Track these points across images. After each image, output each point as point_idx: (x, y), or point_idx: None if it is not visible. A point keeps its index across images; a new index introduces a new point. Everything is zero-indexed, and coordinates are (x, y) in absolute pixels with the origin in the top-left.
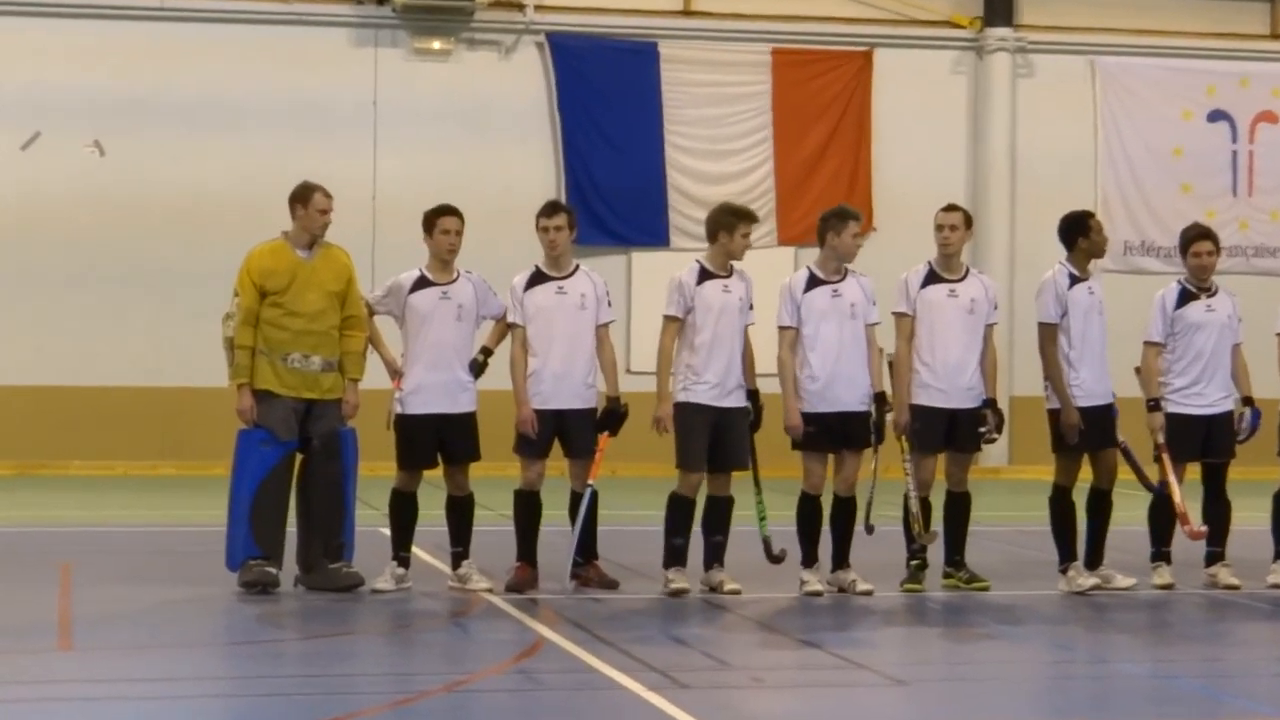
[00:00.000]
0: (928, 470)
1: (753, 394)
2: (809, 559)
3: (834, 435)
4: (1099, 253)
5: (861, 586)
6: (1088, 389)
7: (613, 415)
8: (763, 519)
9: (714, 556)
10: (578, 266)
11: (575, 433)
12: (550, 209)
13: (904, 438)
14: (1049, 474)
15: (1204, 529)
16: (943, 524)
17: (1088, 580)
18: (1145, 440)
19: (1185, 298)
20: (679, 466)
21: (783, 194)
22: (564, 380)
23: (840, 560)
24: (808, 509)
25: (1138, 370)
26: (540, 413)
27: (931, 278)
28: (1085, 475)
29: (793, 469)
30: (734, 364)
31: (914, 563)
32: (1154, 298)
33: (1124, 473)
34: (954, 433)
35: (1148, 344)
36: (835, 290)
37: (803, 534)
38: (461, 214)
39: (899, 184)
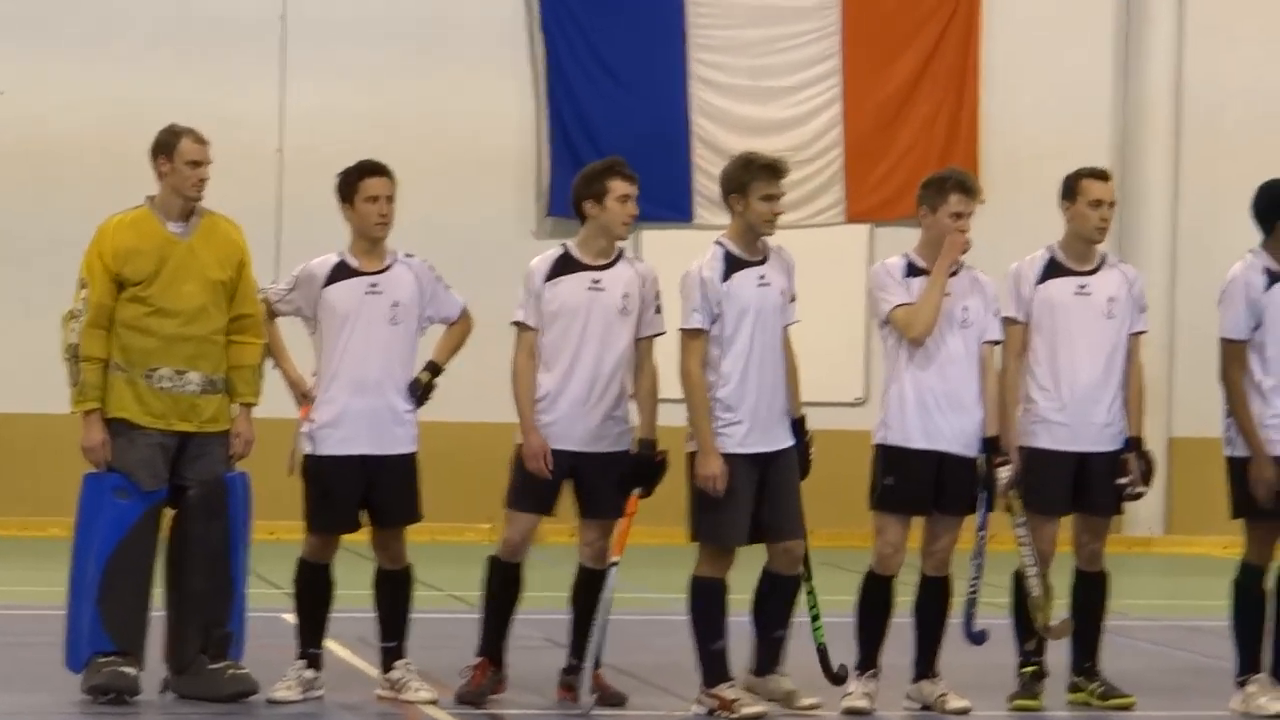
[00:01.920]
0: (1048, 539)
1: (798, 424)
2: (867, 662)
3: (927, 489)
4: None
5: (955, 704)
6: None
7: (646, 466)
8: (816, 619)
9: (774, 658)
10: (620, 253)
11: (592, 484)
12: (623, 169)
13: (1014, 494)
14: (1221, 548)
15: None
16: (1069, 615)
17: (1274, 699)
18: None
19: None
20: (702, 540)
21: (855, 150)
22: (588, 410)
23: (925, 667)
24: (876, 593)
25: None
26: (549, 449)
27: (1053, 269)
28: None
29: (851, 538)
30: (777, 387)
31: (1028, 669)
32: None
33: None
34: (1084, 487)
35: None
36: (947, 291)
37: (863, 628)
38: (392, 174)
39: (1018, 137)
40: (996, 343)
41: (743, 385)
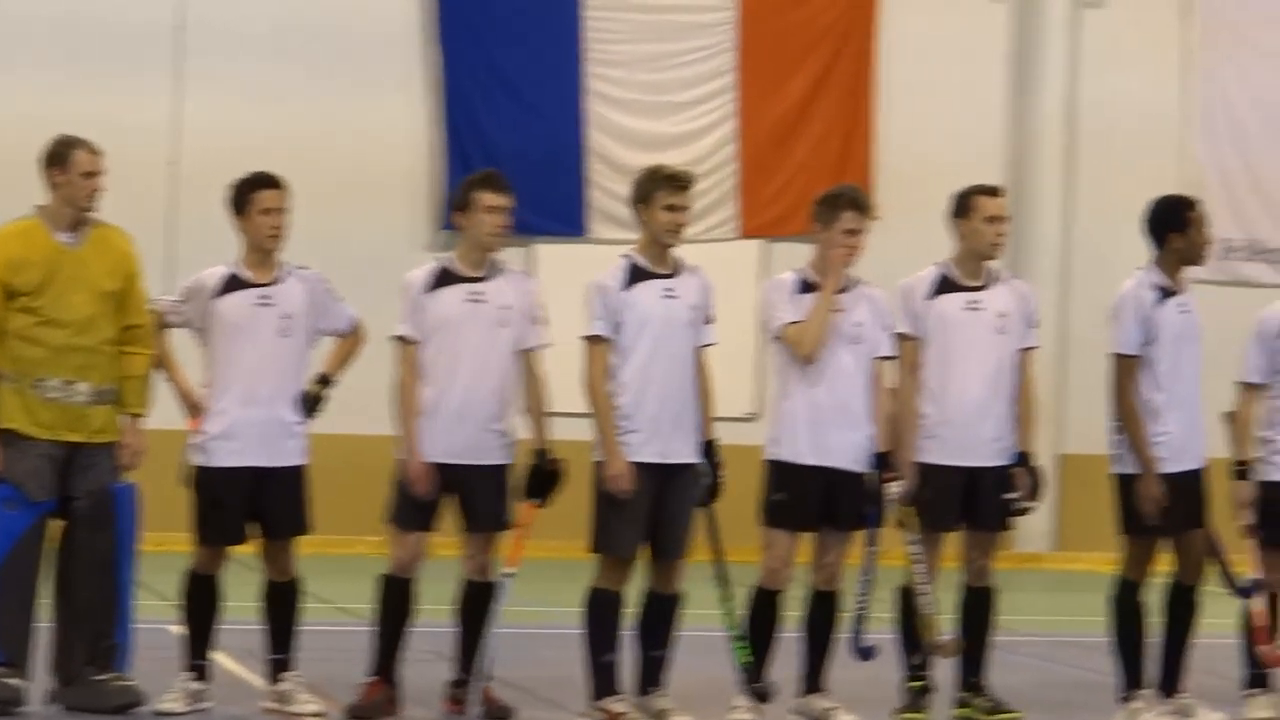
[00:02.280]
0: (935, 555)
1: (709, 446)
2: (753, 676)
3: (816, 504)
4: (1198, 257)
5: (842, 718)
6: (1177, 448)
7: (541, 476)
8: (740, 639)
9: (653, 677)
10: (500, 266)
11: (475, 497)
12: (495, 181)
13: (908, 510)
14: (1109, 564)
15: None
16: (957, 631)
17: (1159, 715)
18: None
19: None
20: (599, 550)
21: (750, 165)
22: (467, 423)
23: (813, 682)
24: (764, 608)
25: (1230, 417)
26: (429, 466)
27: (944, 285)
28: (1163, 566)
29: (741, 552)
30: (683, 403)
31: (914, 684)
32: (1255, 321)
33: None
34: (973, 502)
35: (1243, 386)
36: (835, 304)
37: (751, 642)
38: (285, 185)
39: (912, 154)
40: (889, 358)
41: (641, 395)
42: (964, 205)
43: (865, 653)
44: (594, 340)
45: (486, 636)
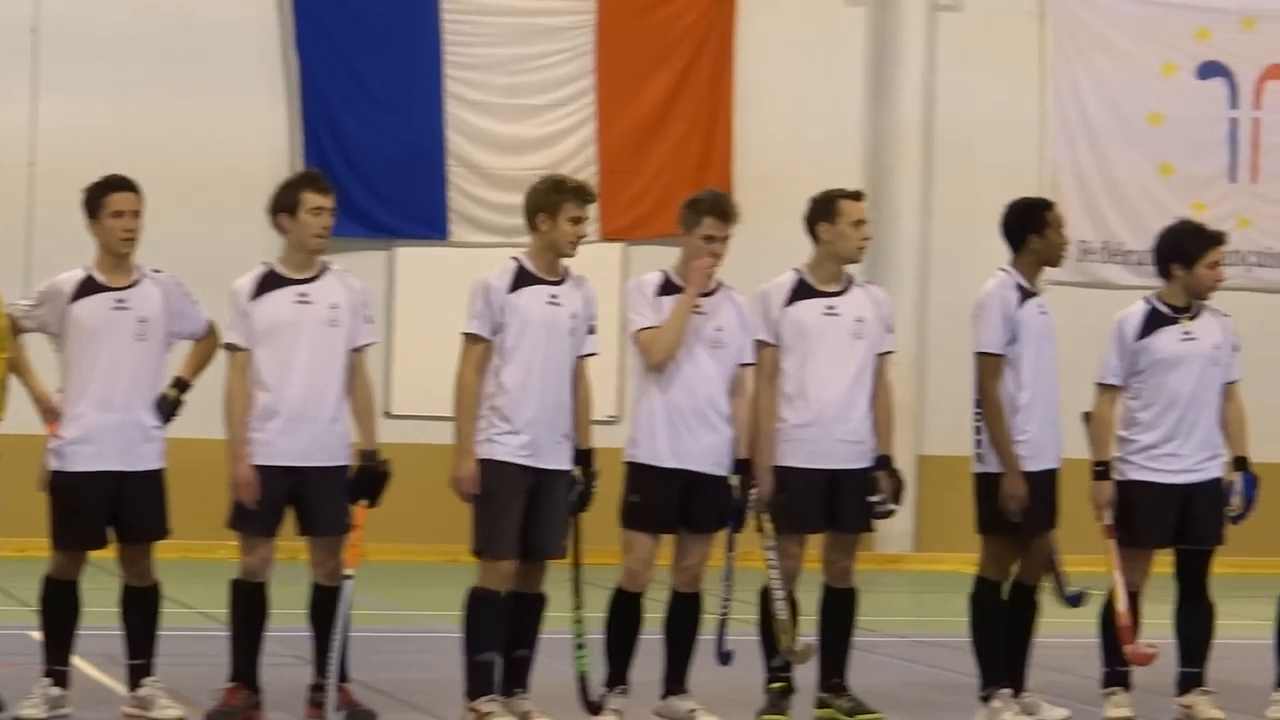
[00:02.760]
0: (796, 557)
1: (584, 455)
2: (616, 678)
3: (674, 507)
4: (1056, 258)
5: (705, 719)
6: (1037, 447)
7: (371, 476)
8: (582, 648)
9: (517, 678)
10: (326, 266)
11: (319, 500)
12: (318, 182)
13: (764, 515)
14: (970, 565)
15: (1151, 650)
16: (818, 632)
17: (1016, 714)
18: (1082, 519)
19: (1154, 322)
20: (478, 552)
21: (609, 168)
22: (304, 425)
23: (675, 683)
24: (624, 610)
25: (1087, 417)
26: (267, 471)
27: (802, 290)
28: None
29: (603, 554)
30: (561, 409)
31: (775, 685)
32: (1113, 323)
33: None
34: (834, 505)
35: (1102, 387)
36: (698, 307)
37: (612, 644)
38: (138, 188)
39: (771, 158)
40: (749, 365)
41: (522, 398)
42: (828, 209)
43: (725, 657)
44: (470, 339)
45: (337, 639)
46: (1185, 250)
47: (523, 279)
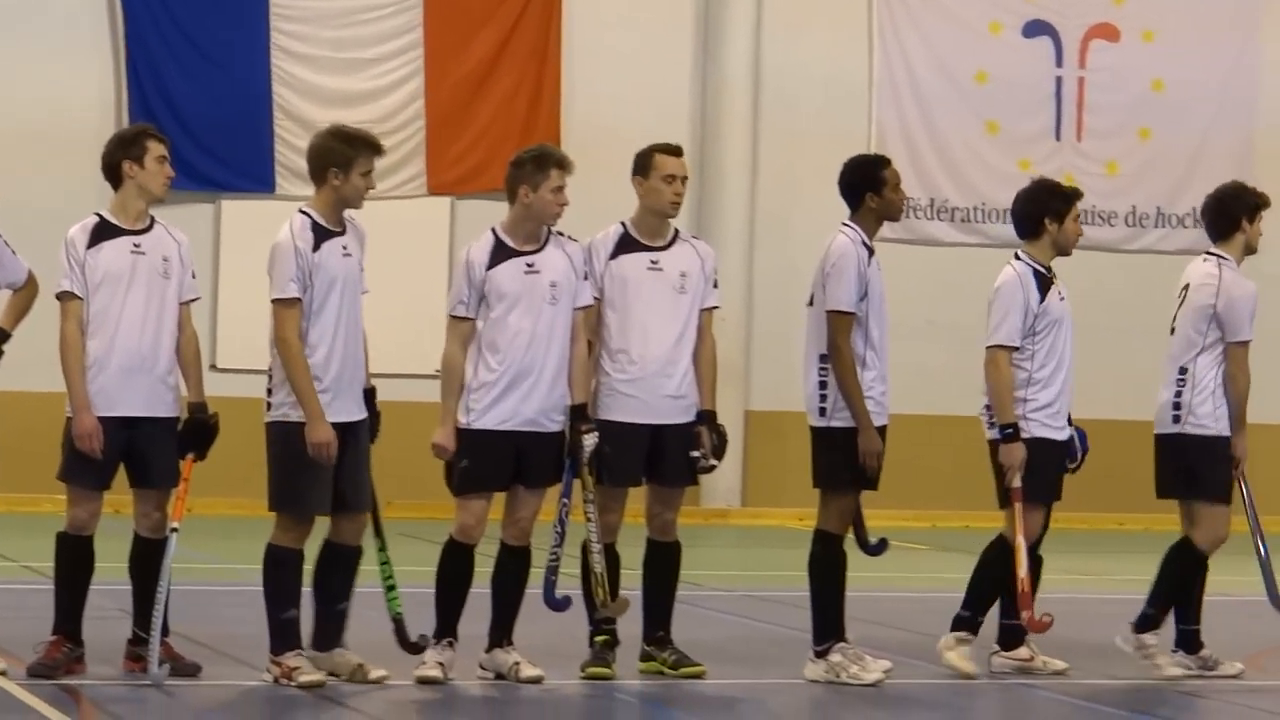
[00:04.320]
0: (616, 511)
1: (369, 395)
2: (445, 630)
3: (506, 466)
4: (894, 214)
5: (528, 672)
6: (881, 403)
7: (199, 429)
8: (392, 589)
9: (335, 631)
10: (154, 219)
11: (151, 452)
12: (160, 133)
13: (589, 466)
14: (796, 519)
15: (1048, 619)
16: (641, 585)
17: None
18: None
19: (1043, 283)
20: (279, 508)
21: (436, 123)
22: (139, 376)
23: (500, 636)
24: (456, 561)
25: (989, 374)
26: (105, 421)
27: (626, 244)
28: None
29: (428, 509)
30: (359, 358)
31: (600, 639)
32: (1004, 281)
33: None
34: (658, 458)
35: (1001, 349)
36: (530, 264)
37: (442, 596)
38: None
39: (598, 114)
40: (585, 306)
41: (330, 355)
42: (643, 163)
43: (558, 604)
44: (289, 303)
45: (161, 593)
46: (1055, 206)
47: (321, 235)
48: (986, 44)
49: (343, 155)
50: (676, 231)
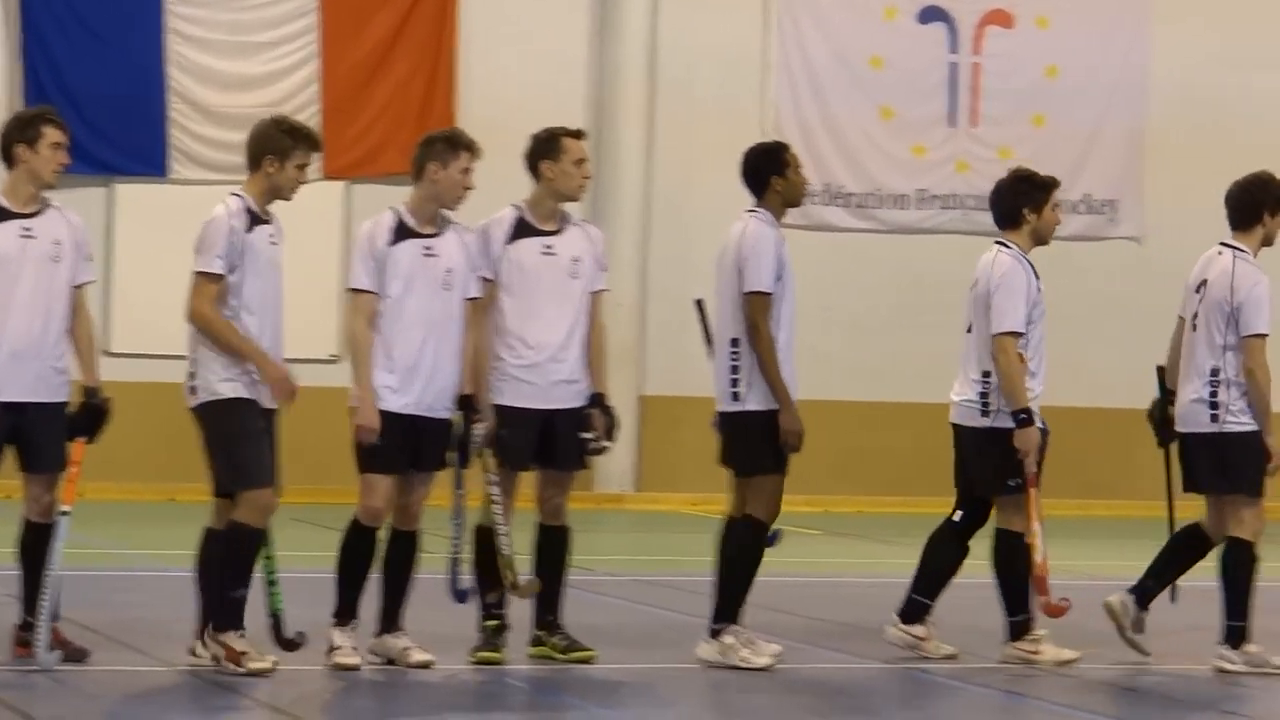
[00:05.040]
0: (513, 495)
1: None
2: (345, 613)
3: (406, 449)
4: (798, 198)
5: (418, 657)
6: (792, 384)
7: (91, 413)
8: (273, 584)
9: (240, 616)
10: (47, 203)
11: (40, 436)
12: (58, 118)
13: (487, 451)
14: (689, 504)
15: (1066, 603)
16: (533, 570)
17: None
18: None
19: (1033, 271)
20: (235, 488)
21: (332, 107)
22: (28, 361)
23: (389, 621)
24: (359, 543)
25: (1004, 366)
26: None
27: (522, 228)
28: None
29: (326, 494)
30: (279, 345)
31: (490, 623)
32: (1007, 269)
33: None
34: (550, 442)
35: (1011, 335)
36: (428, 248)
37: (345, 577)
38: None
39: (494, 98)
40: (474, 298)
41: (258, 336)
42: (551, 147)
43: (461, 595)
44: (211, 278)
45: (51, 577)
46: (1033, 196)
47: (254, 219)
48: (882, 29)
49: (281, 145)
50: (567, 215)
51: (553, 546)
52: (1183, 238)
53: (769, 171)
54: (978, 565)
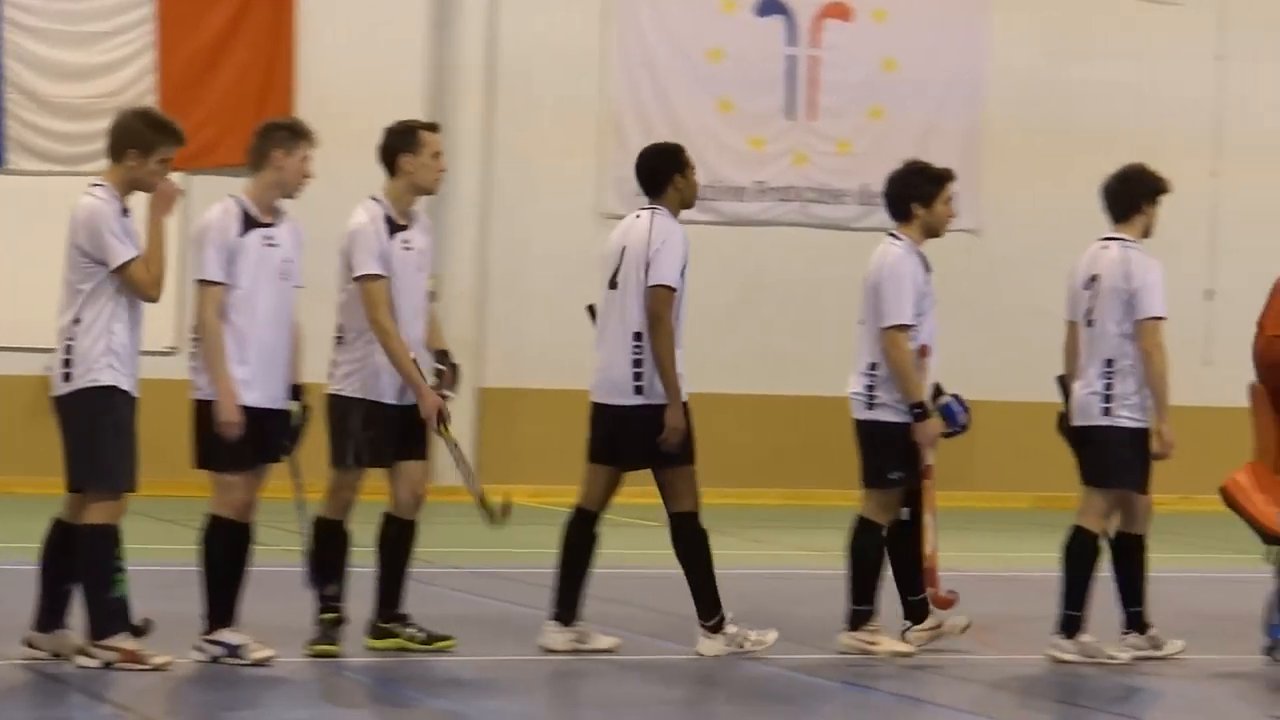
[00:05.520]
0: (352, 488)
1: None
2: (224, 617)
3: (251, 442)
4: (694, 197)
5: (258, 654)
6: (684, 378)
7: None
8: (120, 570)
9: (64, 613)
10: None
11: None
12: None
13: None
14: (529, 496)
15: (954, 595)
16: (375, 562)
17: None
18: None
19: (924, 264)
20: (98, 485)
21: (169, 97)
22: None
23: (225, 616)
24: (230, 539)
25: (894, 359)
26: None
27: (391, 224)
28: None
29: (172, 487)
30: (138, 338)
31: (327, 615)
32: (894, 261)
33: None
34: (410, 436)
35: (900, 328)
36: (268, 237)
37: (219, 579)
38: None
39: (332, 88)
40: (298, 286)
41: (133, 332)
42: (410, 140)
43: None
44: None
45: None
46: (922, 189)
47: (121, 210)
48: (720, 22)
49: (145, 139)
50: (415, 209)
51: (399, 539)
52: (1018, 230)
53: (670, 170)
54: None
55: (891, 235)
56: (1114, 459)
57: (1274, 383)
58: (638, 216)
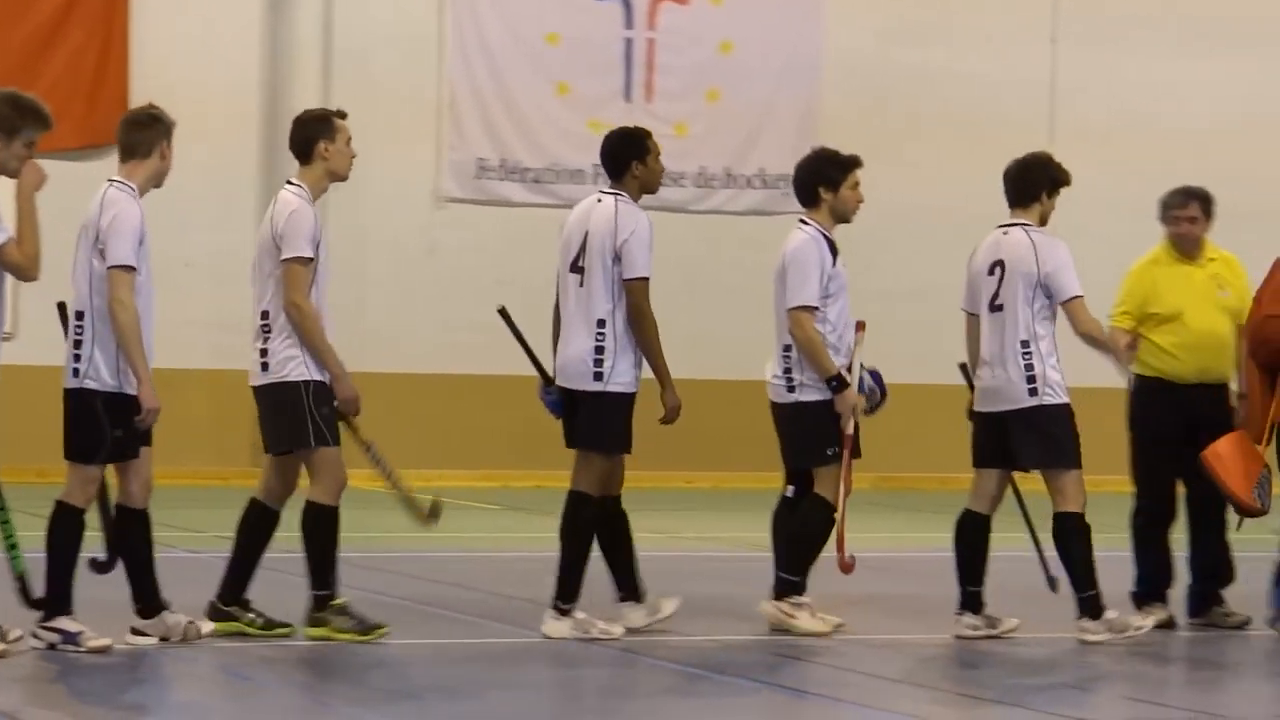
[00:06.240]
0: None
1: None
2: (152, 601)
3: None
4: (656, 183)
5: (94, 643)
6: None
7: None
8: (15, 547)
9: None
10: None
11: None
12: None
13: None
14: (374, 480)
15: (852, 559)
16: (233, 550)
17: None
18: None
19: (833, 248)
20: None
21: (1, 80)
22: None
23: (152, 598)
24: (137, 526)
25: (801, 340)
26: None
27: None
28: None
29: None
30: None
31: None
32: (799, 245)
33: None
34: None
35: (804, 310)
36: None
37: (137, 565)
38: None
39: (168, 70)
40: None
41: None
42: (328, 128)
43: (103, 566)
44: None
45: None
46: (829, 175)
47: None
48: (558, 6)
49: (11, 123)
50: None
51: (266, 526)
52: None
53: (631, 156)
54: (655, 537)
55: (801, 221)
56: (1048, 437)
57: (1263, 358)
58: (599, 201)
